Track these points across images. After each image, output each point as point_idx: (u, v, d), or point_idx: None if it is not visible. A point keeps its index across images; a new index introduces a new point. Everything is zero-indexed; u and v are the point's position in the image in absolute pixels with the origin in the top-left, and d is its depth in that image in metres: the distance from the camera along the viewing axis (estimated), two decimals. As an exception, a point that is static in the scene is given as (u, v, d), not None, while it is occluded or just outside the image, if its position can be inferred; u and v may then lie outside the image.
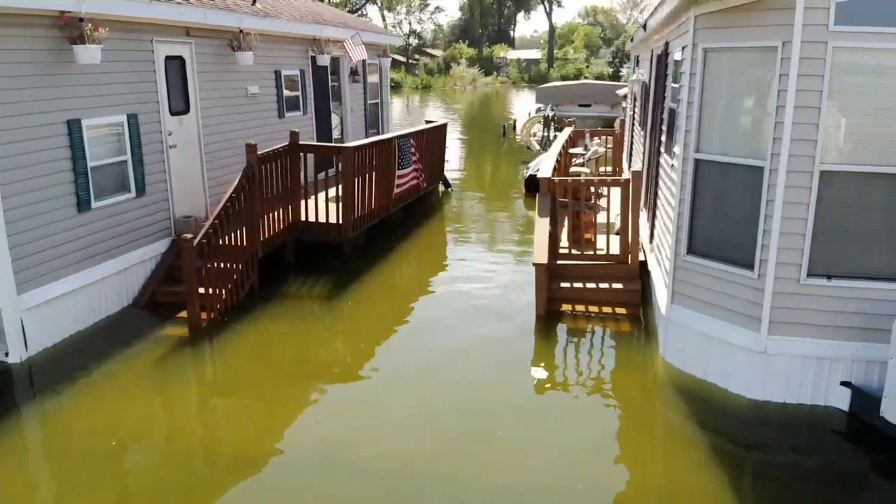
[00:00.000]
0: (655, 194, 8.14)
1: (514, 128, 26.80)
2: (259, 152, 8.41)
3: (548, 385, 6.45)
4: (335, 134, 13.58)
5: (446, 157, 15.14)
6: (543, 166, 9.29)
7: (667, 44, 7.88)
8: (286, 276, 9.24)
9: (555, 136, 18.96)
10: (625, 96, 19.75)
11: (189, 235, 7.26)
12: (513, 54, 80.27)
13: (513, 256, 10.66)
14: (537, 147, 18.73)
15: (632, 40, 13.24)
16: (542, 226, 7.96)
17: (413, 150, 11.98)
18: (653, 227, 8.23)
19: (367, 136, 14.80)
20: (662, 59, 8.42)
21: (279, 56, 11.05)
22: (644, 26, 9.47)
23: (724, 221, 5.99)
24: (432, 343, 7.36)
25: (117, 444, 5.43)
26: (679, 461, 5.29)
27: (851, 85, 5.31)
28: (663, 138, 7.73)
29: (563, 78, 61.31)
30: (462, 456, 5.30)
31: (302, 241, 9.82)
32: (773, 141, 5.49)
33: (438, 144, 14.11)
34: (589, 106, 24.60)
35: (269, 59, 10.71)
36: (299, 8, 12.63)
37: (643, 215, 8.91)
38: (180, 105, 8.82)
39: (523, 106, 45.30)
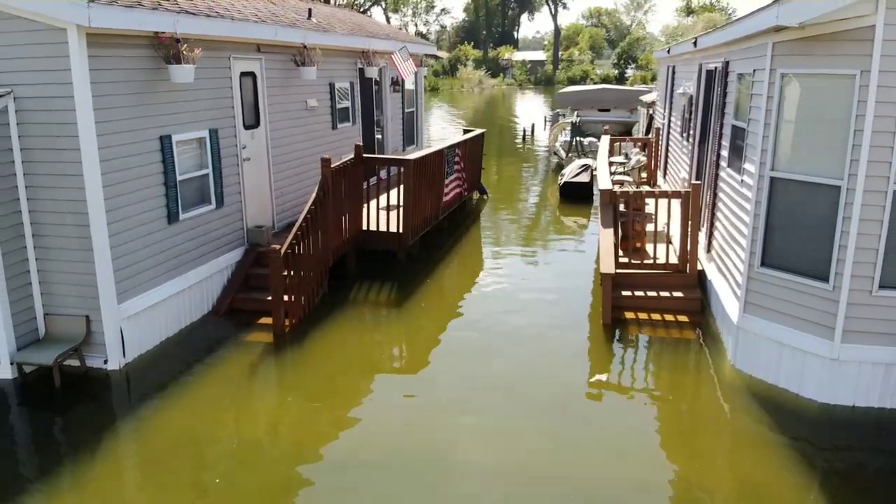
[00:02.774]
0: (713, 205, 8.49)
1: (533, 131, 27.20)
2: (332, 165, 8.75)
3: (618, 391, 6.80)
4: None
5: (483, 165, 15.48)
6: (599, 177, 9.63)
7: (727, 62, 8.23)
8: (350, 284, 9.59)
9: (578, 143, 19.32)
10: (651, 103, 20.13)
11: (276, 246, 7.60)
12: (517, 56, 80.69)
13: (560, 262, 11.01)
14: (563, 154, 19.07)
15: (668, 52, 13.56)
16: (606, 236, 8.31)
17: (458, 159, 12.33)
18: (710, 237, 8.58)
19: (404, 145, 15.17)
20: (718, 76, 8.77)
21: (333, 69, 11.39)
22: (694, 42, 9.81)
23: (798, 236, 6.33)
24: (497, 348, 7.69)
25: (227, 446, 5.77)
26: (755, 461, 5.62)
27: (925, 110, 5.66)
28: (724, 153, 8.08)
29: (570, 80, 61.73)
30: (545, 456, 5.64)
31: (359, 249, 10.16)
32: (850, 162, 5.85)
33: (477, 153, 14.46)
34: (608, 111, 25.02)
35: (324, 72, 11.04)
36: (347, 21, 12.97)
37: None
38: (252, 119, 9.16)
39: (531, 108, 45.74)
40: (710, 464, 5.64)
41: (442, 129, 30.57)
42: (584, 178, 14.95)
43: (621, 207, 9.12)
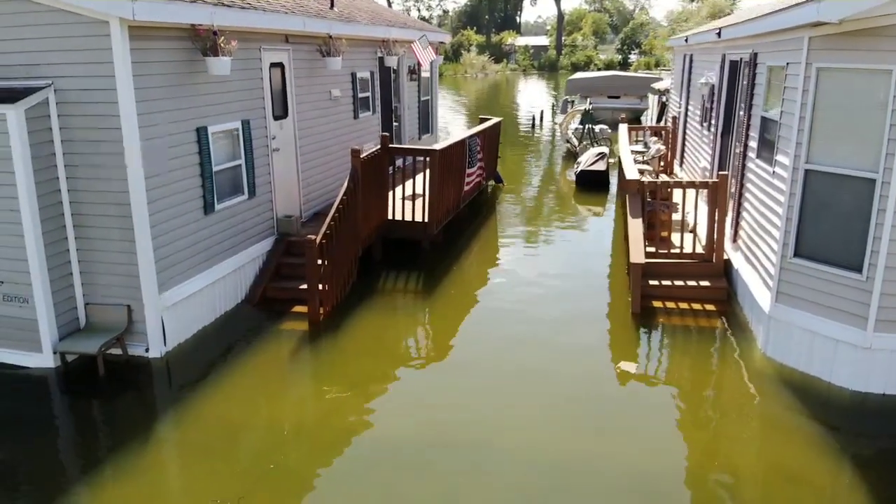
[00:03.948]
0: (740, 195, 8.59)
1: (542, 119, 27.21)
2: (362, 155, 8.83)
3: (649, 378, 6.93)
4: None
5: (499, 154, 15.55)
6: (625, 167, 9.71)
7: (755, 54, 8.29)
8: (378, 272, 9.70)
9: (589, 130, 19.34)
10: (664, 91, 20.16)
11: (312, 236, 7.70)
12: (520, 41, 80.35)
13: (579, 250, 11.12)
14: (576, 141, 19.11)
15: (685, 40, 13.59)
16: (635, 226, 8.41)
17: (479, 148, 12.40)
18: (736, 227, 8.69)
19: (419, 134, 15.23)
20: (745, 67, 8.83)
21: (355, 59, 11.43)
22: (718, 33, 9.86)
23: (831, 227, 6.44)
24: (526, 335, 7.81)
25: (275, 433, 5.91)
26: (786, 446, 5.76)
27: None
28: (752, 144, 8.16)
29: (574, 65, 61.57)
30: (572, 443, 5.79)
31: (385, 238, 10.27)
32: (886, 156, 5.94)
33: (494, 141, 14.52)
34: (618, 98, 25.02)
35: (347, 62, 11.08)
36: (366, 9, 12.99)
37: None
38: (280, 110, 9.23)
39: (536, 96, 45.64)
40: (742, 449, 5.77)
41: (441, 118, 30.51)
42: (601, 166, 15.01)
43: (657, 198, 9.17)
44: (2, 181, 6.57)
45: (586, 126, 18.41)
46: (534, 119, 25.91)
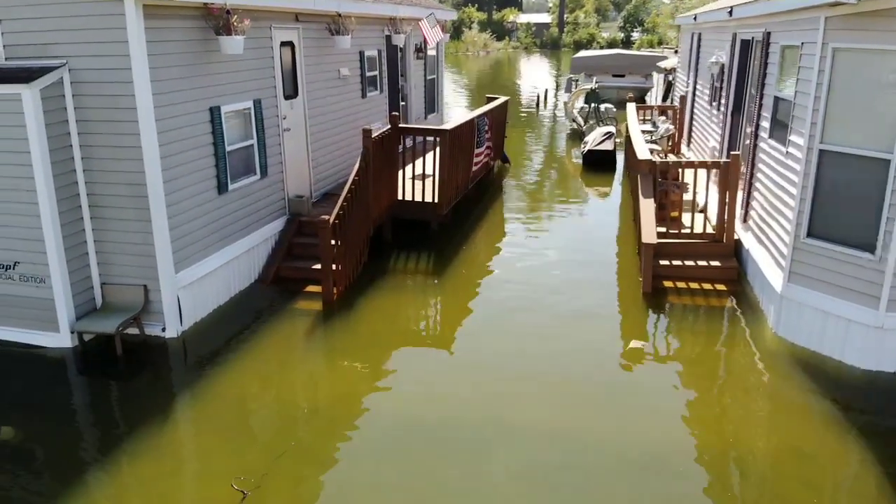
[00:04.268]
0: (751, 175, 8.60)
1: (546, 97, 27.09)
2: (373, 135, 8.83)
3: (660, 357, 7.00)
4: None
5: (506, 134, 15.52)
6: (637, 147, 9.70)
7: (768, 33, 8.26)
8: (388, 253, 9.74)
9: (594, 109, 19.26)
10: (670, 69, 20.06)
11: (326, 217, 7.73)
12: (522, 18, 79.65)
13: (590, 229, 11.16)
14: (581, 121, 19.05)
15: (694, 19, 13.51)
16: (647, 206, 8.43)
17: (487, 128, 12.38)
18: (747, 207, 8.71)
19: (426, 113, 15.18)
20: (757, 47, 8.80)
21: (363, 37, 11.36)
22: (730, 11, 9.80)
23: (845, 207, 6.47)
24: (538, 314, 7.87)
25: (294, 411, 5.99)
26: (800, 423, 5.84)
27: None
28: (764, 124, 8.16)
29: (577, 43, 61.12)
30: (584, 421, 5.87)
31: (394, 218, 10.29)
32: (901, 136, 5.95)
33: (501, 121, 14.49)
34: (623, 76, 24.89)
35: (355, 40, 11.01)
36: (373, -13, 12.87)
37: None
38: (291, 89, 9.21)
39: (537, 74, 45.36)
40: (754, 426, 5.85)
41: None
42: (608, 146, 14.99)
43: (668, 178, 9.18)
44: (18, 161, 6.59)
45: (591, 105, 18.33)
46: (538, 98, 25.81)
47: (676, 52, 21.92)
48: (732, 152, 8.48)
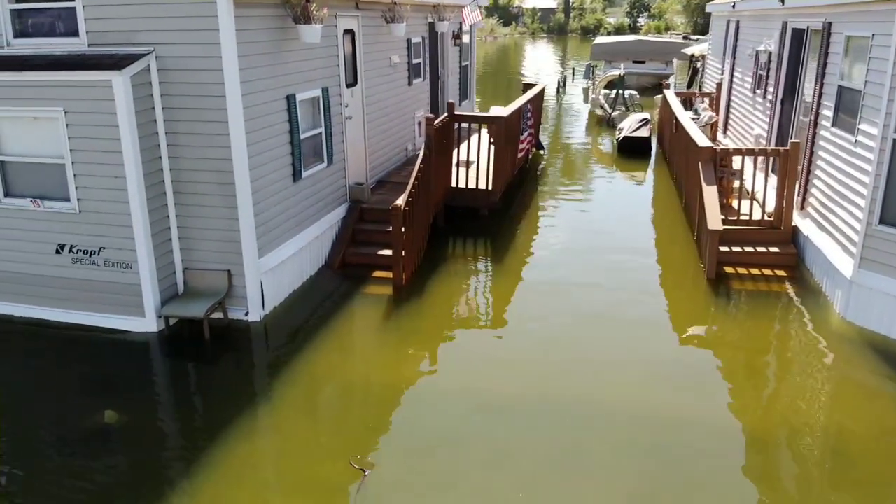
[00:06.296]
0: (809, 163, 8.75)
1: (565, 84, 27.13)
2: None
3: (728, 341, 7.17)
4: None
5: (541, 120, 15.62)
6: (693, 134, 9.79)
7: (829, 23, 8.37)
8: (444, 240, 9.88)
9: (620, 95, 19.33)
10: (698, 57, 20.11)
11: (399, 203, 7.87)
12: (528, 3, 79.30)
13: (638, 214, 11.29)
14: (608, 108, 19.14)
15: (732, 6, 13.57)
16: (710, 193, 8.57)
17: (530, 115, 12.49)
18: (805, 194, 8.86)
19: (459, 100, 15.24)
20: (814, 36, 8.90)
21: (410, 25, 11.43)
22: (782, 0, 9.90)
23: (920, 195, 6.63)
24: (603, 301, 8.04)
25: (386, 392, 6.16)
26: (873, 405, 6.01)
27: None
28: (826, 112, 8.30)
29: (584, 29, 60.94)
30: (667, 402, 6.05)
31: (447, 205, 10.42)
32: (982, 125, 6.10)
33: (537, 108, 14.58)
34: (643, 63, 24.93)
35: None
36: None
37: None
38: (351, 77, 9.31)
39: (545, 59, 45.21)
40: (831, 409, 6.04)
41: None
42: (644, 132, 15.10)
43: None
44: (108, 147, 6.71)
45: (618, 91, 18.43)
46: (559, 84, 25.85)
47: (688, 38, 21.79)
48: (792, 140, 8.62)
